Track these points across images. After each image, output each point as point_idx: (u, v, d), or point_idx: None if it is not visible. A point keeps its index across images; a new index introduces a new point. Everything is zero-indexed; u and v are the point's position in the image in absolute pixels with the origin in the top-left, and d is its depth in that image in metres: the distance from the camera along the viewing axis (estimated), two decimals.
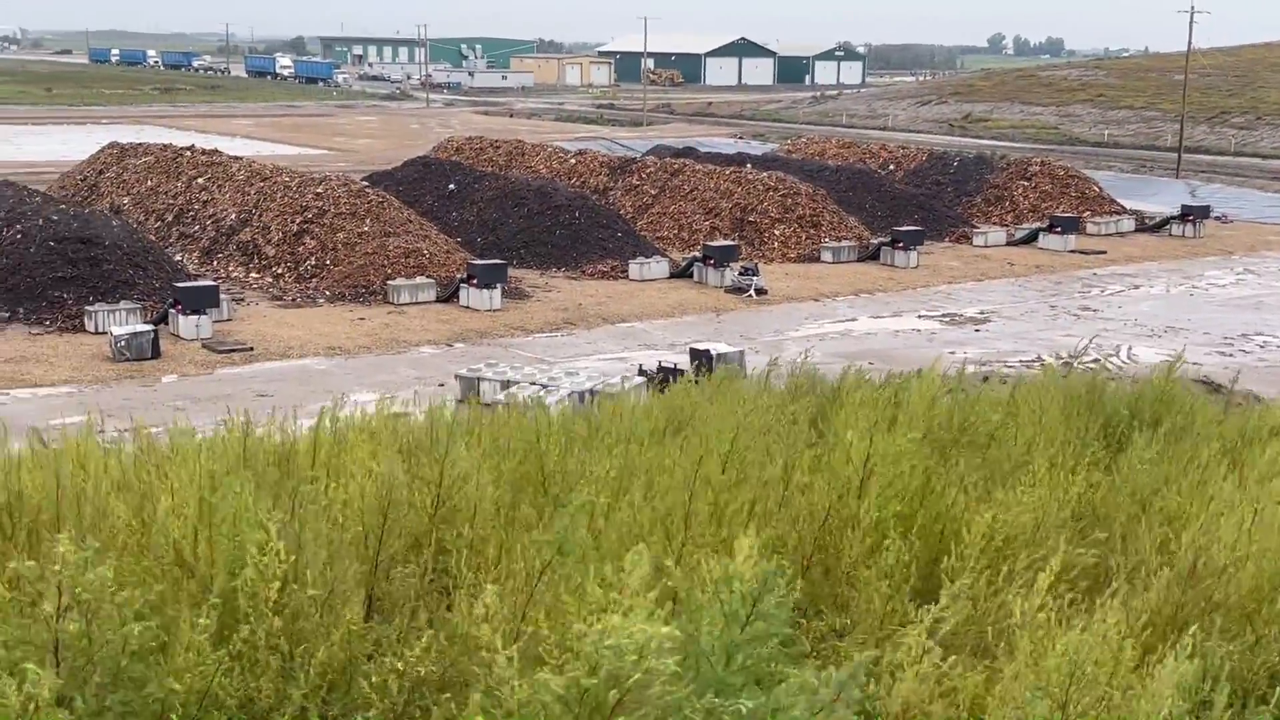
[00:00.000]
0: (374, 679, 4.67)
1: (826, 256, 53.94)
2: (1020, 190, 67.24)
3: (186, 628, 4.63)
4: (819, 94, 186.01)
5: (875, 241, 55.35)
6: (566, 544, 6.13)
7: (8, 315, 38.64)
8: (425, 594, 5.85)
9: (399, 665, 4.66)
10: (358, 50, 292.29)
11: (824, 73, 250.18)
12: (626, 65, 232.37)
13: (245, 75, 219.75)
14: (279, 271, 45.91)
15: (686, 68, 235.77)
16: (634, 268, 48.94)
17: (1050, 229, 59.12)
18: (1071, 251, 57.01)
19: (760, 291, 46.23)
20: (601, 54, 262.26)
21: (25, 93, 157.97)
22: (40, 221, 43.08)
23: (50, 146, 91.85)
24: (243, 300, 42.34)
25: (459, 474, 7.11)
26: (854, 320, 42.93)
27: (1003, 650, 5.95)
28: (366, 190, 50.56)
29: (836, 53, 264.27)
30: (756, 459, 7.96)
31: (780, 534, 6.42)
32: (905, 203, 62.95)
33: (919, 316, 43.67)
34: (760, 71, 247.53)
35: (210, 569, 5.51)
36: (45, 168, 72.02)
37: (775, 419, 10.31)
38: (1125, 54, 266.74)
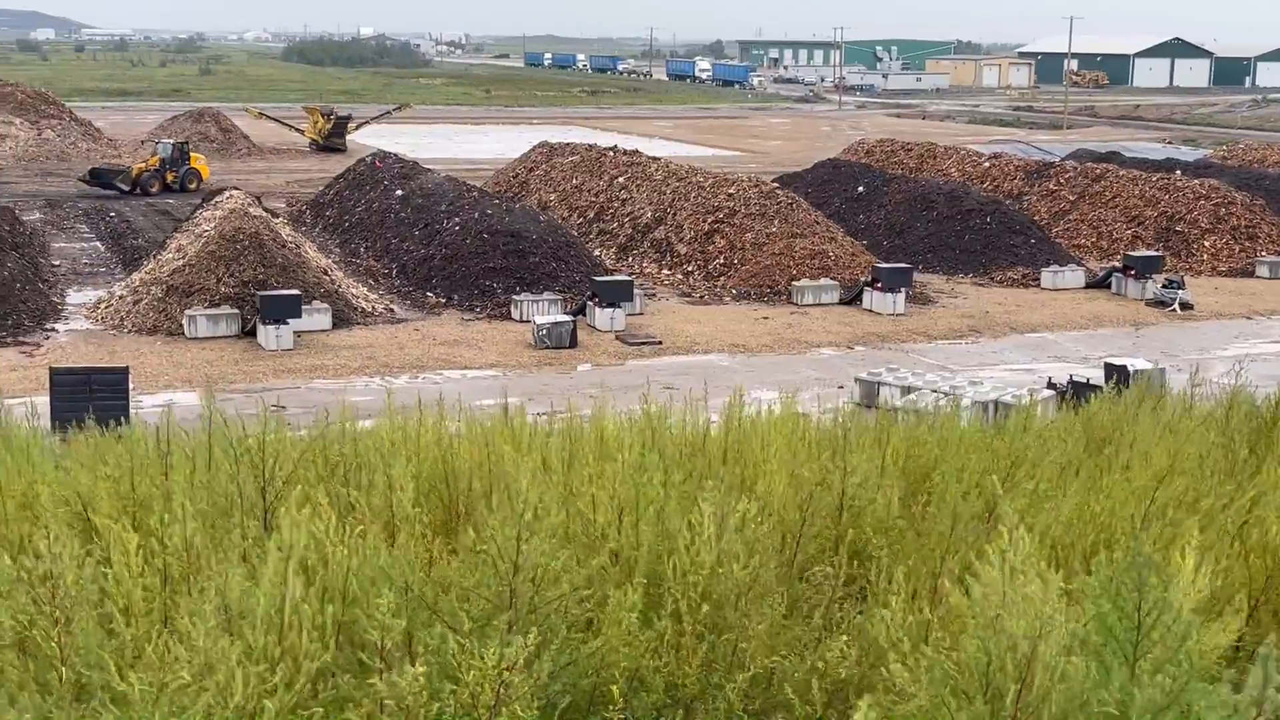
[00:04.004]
0: (797, 676, 4.72)
1: (1263, 271, 50.00)
2: None
3: (616, 603, 4.83)
4: (1260, 97, 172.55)
5: None
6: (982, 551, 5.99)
7: (444, 300, 41.81)
8: (842, 598, 5.86)
9: (820, 665, 4.68)
10: (773, 53, 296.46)
11: (1268, 75, 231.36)
12: (1048, 66, 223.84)
13: (665, 78, 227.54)
14: (689, 269, 47.30)
15: (1112, 69, 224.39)
16: (1046, 276, 47.16)
17: None
18: None
19: (1185, 306, 43.43)
20: (1021, 55, 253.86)
21: (467, 94, 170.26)
22: (476, 215, 46.38)
23: (487, 145, 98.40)
24: (654, 295, 43.91)
25: (870, 479, 7.09)
26: None
27: None
28: (776, 191, 51.23)
29: None
30: (1190, 485, 7.47)
31: (1227, 570, 6.00)
32: None
33: None
34: (1194, 73, 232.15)
35: (635, 551, 5.75)
36: (482, 164, 77.38)
37: (1207, 443, 9.65)
38: None
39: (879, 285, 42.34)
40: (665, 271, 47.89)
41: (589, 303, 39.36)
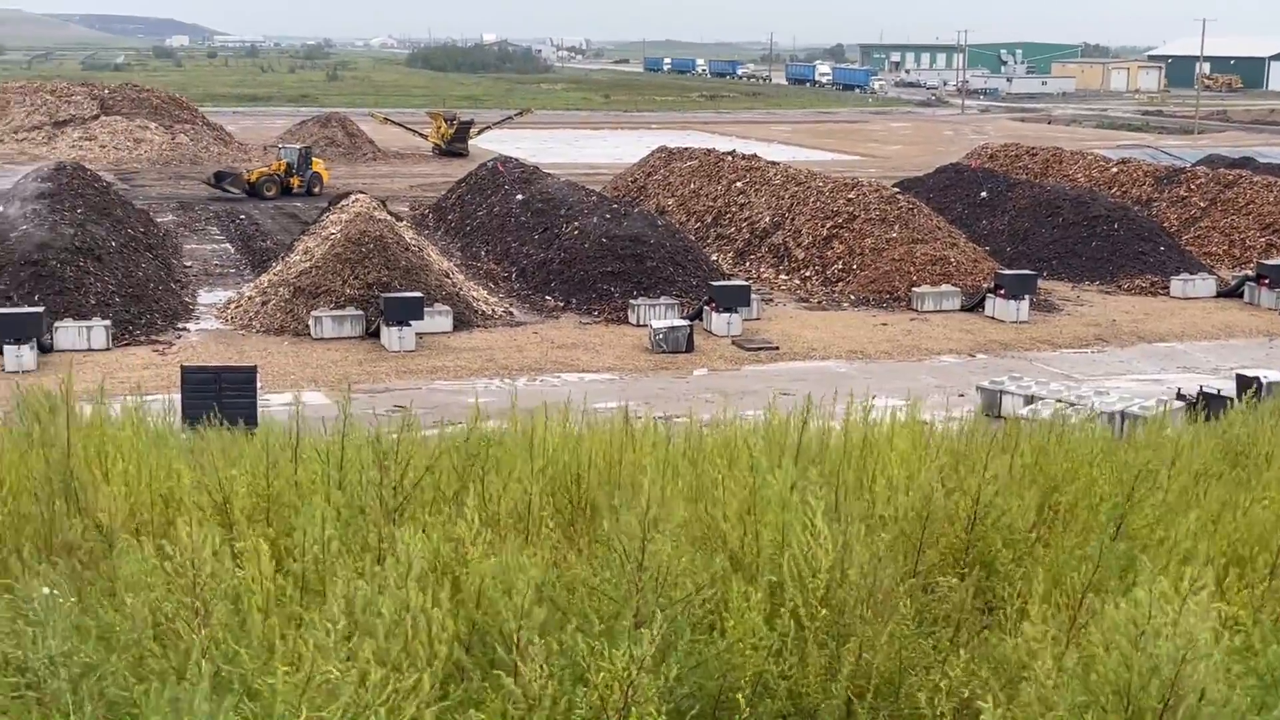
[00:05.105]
0: (923, 694, 4.66)
1: None
2: None
3: (738, 603, 4.82)
4: None
5: None
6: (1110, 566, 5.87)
7: (563, 304, 42.15)
8: (967, 610, 5.77)
9: (944, 684, 4.62)
10: (895, 57, 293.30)
11: None
12: (1178, 69, 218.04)
13: (785, 83, 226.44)
14: (806, 274, 47.02)
15: (1246, 72, 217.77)
16: (1176, 284, 45.99)
17: None
18: None
19: None
20: (1151, 58, 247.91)
21: (586, 99, 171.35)
22: (595, 219, 46.67)
23: (605, 149, 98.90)
24: (771, 300, 43.75)
25: (995, 489, 6.97)
26: None
27: None
28: (897, 196, 50.70)
29: None
30: None
31: None
32: None
33: None
34: None
35: (756, 557, 5.74)
36: (601, 169, 77.80)
37: None
38: None
39: (1002, 292, 41.65)
40: (783, 277, 47.67)
41: (706, 307, 39.37)
